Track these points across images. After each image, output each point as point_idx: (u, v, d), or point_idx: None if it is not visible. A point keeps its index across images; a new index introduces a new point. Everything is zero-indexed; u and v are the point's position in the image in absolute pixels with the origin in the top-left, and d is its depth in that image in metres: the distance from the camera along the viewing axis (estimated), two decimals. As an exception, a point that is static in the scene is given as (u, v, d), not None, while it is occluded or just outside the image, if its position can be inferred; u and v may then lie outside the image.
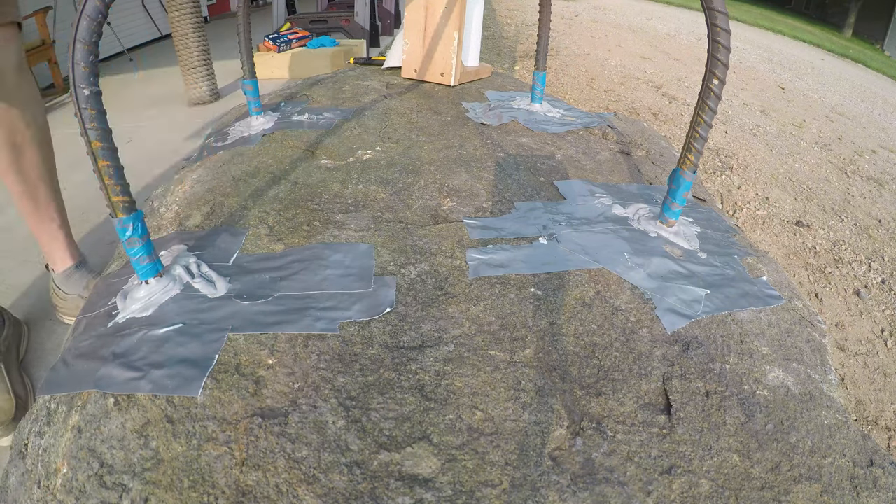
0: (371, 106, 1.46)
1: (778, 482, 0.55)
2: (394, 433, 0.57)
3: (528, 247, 0.87)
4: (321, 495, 0.51)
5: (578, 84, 4.05)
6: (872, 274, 2.30)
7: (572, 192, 1.05)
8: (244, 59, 1.25)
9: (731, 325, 0.74)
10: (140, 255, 0.70)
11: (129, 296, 0.72)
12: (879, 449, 0.61)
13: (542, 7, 1.36)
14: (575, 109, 1.55)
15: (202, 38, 2.61)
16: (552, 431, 0.58)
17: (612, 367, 0.66)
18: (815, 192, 2.94)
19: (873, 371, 1.81)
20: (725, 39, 0.75)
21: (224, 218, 0.92)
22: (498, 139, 1.28)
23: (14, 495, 0.58)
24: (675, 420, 0.60)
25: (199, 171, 1.11)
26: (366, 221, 0.92)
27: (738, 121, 3.83)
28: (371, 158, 1.15)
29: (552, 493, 0.52)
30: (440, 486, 0.52)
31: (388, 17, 4.05)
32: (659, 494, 0.53)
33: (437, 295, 0.76)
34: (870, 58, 9.92)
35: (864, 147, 3.88)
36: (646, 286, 0.79)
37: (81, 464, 0.54)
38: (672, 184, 0.88)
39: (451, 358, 0.66)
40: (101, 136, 0.62)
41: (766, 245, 2.36)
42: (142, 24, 4.49)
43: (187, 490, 0.51)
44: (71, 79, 0.59)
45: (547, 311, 0.74)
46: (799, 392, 0.66)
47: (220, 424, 0.57)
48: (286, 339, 0.67)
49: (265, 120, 1.36)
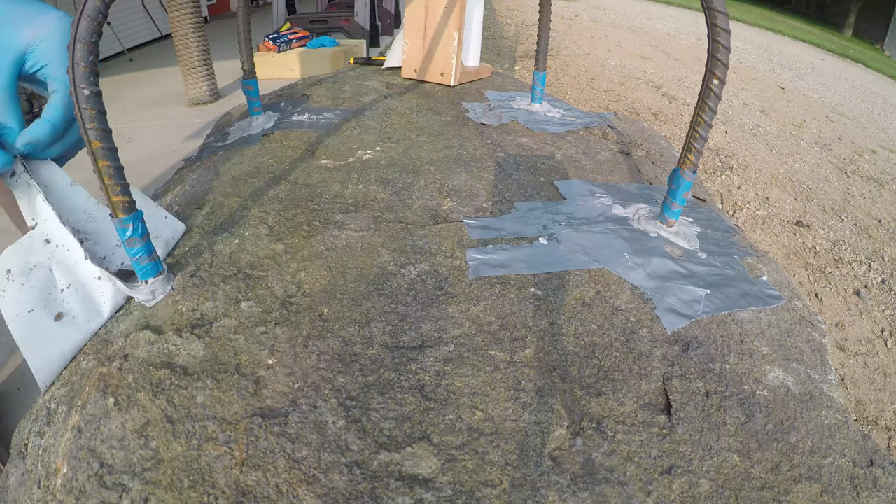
0: (371, 106, 1.46)
1: (778, 482, 0.55)
2: (394, 433, 0.57)
3: (528, 247, 0.87)
4: (321, 495, 0.51)
5: (578, 84, 4.05)
6: (872, 274, 2.30)
7: (572, 192, 1.05)
8: (244, 59, 1.25)
9: (731, 325, 0.74)
10: (140, 255, 0.70)
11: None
12: (879, 449, 0.61)
13: (542, 7, 1.36)
14: (575, 109, 1.55)
15: (202, 38, 2.61)
16: (552, 431, 0.58)
17: (612, 367, 0.66)
18: (815, 192, 2.94)
19: (873, 371, 1.81)
20: (725, 39, 0.75)
21: (224, 218, 0.92)
22: (498, 139, 1.28)
23: (14, 495, 0.58)
24: (675, 420, 0.60)
25: (199, 171, 1.11)
26: (366, 221, 0.92)
27: (738, 121, 3.83)
28: (371, 158, 1.15)
29: (552, 493, 0.52)
30: (440, 486, 0.52)
31: (388, 17, 4.05)
32: (659, 494, 0.53)
33: (437, 295, 0.76)
34: (870, 58, 9.92)
35: (864, 147, 3.88)
36: (646, 286, 0.79)
37: (81, 464, 0.54)
38: (672, 184, 0.88)
39: (451, 358, 0.66)
40: (101, 136, 0.62)
41: (766, 245, 2.36)
42: (142, 24, 4.49)
43: (187, 490, 0.51)
44: (71, 79, 0.59)
45: (547, 311, 0.74)
46: (799, 392, 0.66)
47: (220, 424, 0.57)
48: (286, 339, 0.67)
49: (265, 120, 1.36)
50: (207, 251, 0.83)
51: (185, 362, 0.64)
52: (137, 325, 0.70)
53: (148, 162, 1.93)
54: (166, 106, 2.72)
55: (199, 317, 0.71)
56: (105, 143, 0.63)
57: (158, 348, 0.66)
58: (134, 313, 0.72)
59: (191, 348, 0.66)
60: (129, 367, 0.64)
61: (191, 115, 2.58)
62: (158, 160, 1.94)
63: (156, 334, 0.68)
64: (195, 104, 2.70)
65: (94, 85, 0.60)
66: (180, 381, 0.62)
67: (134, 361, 0.64)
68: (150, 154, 2.01)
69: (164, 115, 2.58)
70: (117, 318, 0.72)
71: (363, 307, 0.73)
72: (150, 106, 2.73)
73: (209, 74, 2.70)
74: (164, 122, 2.49)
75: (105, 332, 0.70)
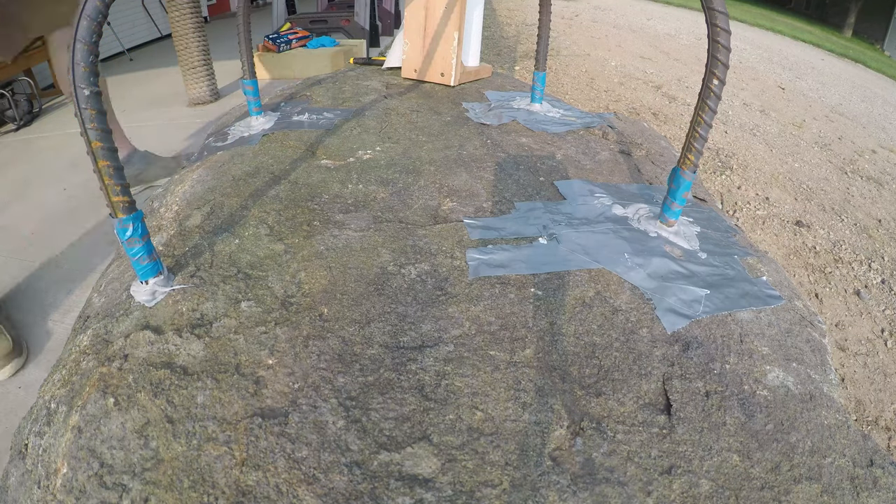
0: (371, 106, 1.46)
1: (778, 482, 0.55)
2: (394, 433, 0.57)
3: (528, 247, 0.87)
4: (321, 495, 0.51)
5: (578, 84, 4.05)
6: (872, 274, 2.30)
7: (572, 192, 1.05)
8: (244, 59, 1.25)
9: (731, 325, 0.74)
10: (140, 255, 0.70)
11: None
12: (879, 449, 0.61)
13: (542, 7, 1.36)
14: (575, 109, 1.55)
15: (202, 38, 2.61)
16: (552, 431, 0.58)
17: (612, 367, 0.66)
18: (815, 192, 2.94)
19: (873, 371, 1.81)
20: (725, 39, 0.75)
21: (224, 218, 0.92)
22: (498, 139, 1.28)
23: (14, 495, 0.58)
24: (675, 420, 0.60)
25: (199, 171, 1.11)
26: (366, 221, 0.92)
27: (738, 121, 3.83)
28: (371, 158, 1.15)
29: (552, 493, 0.52)
30: (440, 486, 0.52)
31: (388, 17, 4.05)
32: (659, 494, 0.53)
33: (437, 295, 0.76)
34: (870, 58, 9.92)
35: (864, 147, 3.88)
36: (646, 286, 0.79)
37: (81, 464, 0.54)
38: (672, 184, 0.88)
39: (451, 358, 0.66)
40: (101, 137, 0.62)
41: (766, 245, 2.36)
42: (142, 24, 4.49)
43: (187, 490, 0.51)
44: (71, 79, 0.59)
45: (547, 311, 0.74)
46: (799, 392, 0.65)
47: (220, 424, 0.57)
48: (286, 339, 0.67)
49: (265, 120, 1.36)
50: (207, 251, 0.83)
51: (185, 362, 0.64)
52: (137, 325, 0.70)
53: (148, 162, 1.94)
54: (166, 106, 2.72)
55: (199, 317, 0.71)
56: (105, 143, 0.63)
57: (158, 348, 0.66)
58: (134, 313, 0.72)
59: (191, 348, 0.66)
60: (129, 367, 0.64)
61: (191, 115, 2.58)
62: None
63: (156, 334, 0.68)
64: (195, 104, 2.70)
65: (94, 85, 0.60)
66: (180, 381, 0.62)
67: (134, 361, 0.64)
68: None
69: (164, 115, 2.58)
70: (117, 318, 0.72)
71: (363, 307, 0.73)
72: (150, 106, 2.73)
73: (209, 74, 2.70)
74: (164, 122, 2.49)
75: (105, 332, 0.70)
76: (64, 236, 1.50)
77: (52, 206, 1.66)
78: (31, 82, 2.72)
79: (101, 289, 0.85)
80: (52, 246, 1.47)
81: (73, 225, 1.54)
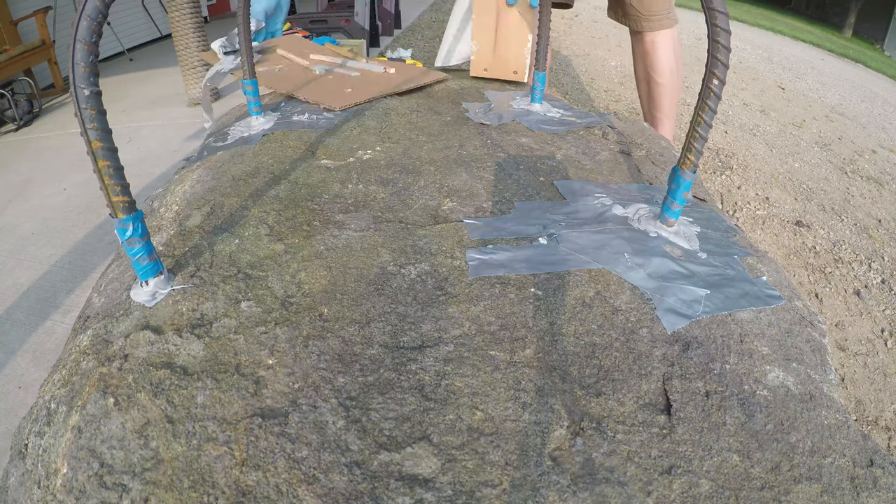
0: (371, 106, 1.46)
1: (778, 482, 0.55)
2: (394, 433, 0.57)
3: (528, 247, 0.87)
4: (321, 495, 0.51)
5: (578, 84, 4.05)
6: (872, 274, 2.30)
7: (572, 192, 1.05)
8: (244, 59, 1.25)
9: (731, 325, 0.74)
10: (140, 255, 0.70)
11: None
12: (879, 449, 0.61)
13: (542, 7, 1.36)
14: (575, 109, 1.55)
15: (202, 38, 2.61)
16: (552, 431, 0.58)
17: (612, 367, 0.66)
18: (815, 192, 2.94)
19: (873, 371, 1.81)
20: (725, 39, 0.75)
21: (224, 218, 0.92)
22: (498, 139, 1.28)
23: (14, 495, 0.58)
24: (676, 420, 0.60)
25: (198, 171, 1.11)
26: (366, 221, 0.92)
27: (738, 121, 3.82)
28: (371, 158, 1.15)
29: (552, 493, 0.52)
30: (440, 486, 0.52)
31: (388, 17, 4.05)
32: (659, 494, 0.53)
33: (437, 295, 0.76)
34: (870, 58, 9.91)
35: (864, 147, 3.88)
36: (646, 286, 0.79)
37: (81, 464, 0.54)
38: (672, 184, 0.88)
39: (451, 358, 0.66)
40: (101, 137, 0.62)
41: (766, 245, 2.36)
42: (142, 24, 4.49)
43: (187, 490, 0.51)
44: (71, 79, 0.59)
45: (547, 311, 0.74)
46: (799, 392, 0.65)
47: (220, 424, 0.57)
48: (286, 339, 0.67)
49: (265, 120, 1.36)
50: (207, 251, 0.83)
51: (185, 362, 0.64)
52: (137, 325, 0.70)
53: (148, 162, 1.93)
54: (166, 106, 2.72)
55: (199, 317, 0.71)
56: (105, 143, 0.63)
57: (158, 348, 0.66)
58: (134, 313, 0.72)
59: (191, 348, 0.66)
60: (129, 367, 0.64)
61: (191, 115, 2.58)
62: (158, 160, 1.95)
63: (156, 334, 0.68)
64: (195, 104, 2.70)
65: (94, 85, 0.60)
66: (180, 381, 0.62)
67: (134, 361, 0.64)
68: (150, 154, 2.01)
69: (164, 115, 2.58)
70: (117, 318, 0.72)
71: (363, 307, 0.73)
72: (150, 106, 2.73)
73: (209, 74, 2.69)
74: (164, 122, 2.49)
75: (105, 332, 0.70)
76: (64, 236, 1.50)
77: (52, 206, 1.66)
78: (31, 82, 2.72)
79: (101, 289, 0.85)
80: (52, 246, 1.46)
81: (73, 225, 1.54)
